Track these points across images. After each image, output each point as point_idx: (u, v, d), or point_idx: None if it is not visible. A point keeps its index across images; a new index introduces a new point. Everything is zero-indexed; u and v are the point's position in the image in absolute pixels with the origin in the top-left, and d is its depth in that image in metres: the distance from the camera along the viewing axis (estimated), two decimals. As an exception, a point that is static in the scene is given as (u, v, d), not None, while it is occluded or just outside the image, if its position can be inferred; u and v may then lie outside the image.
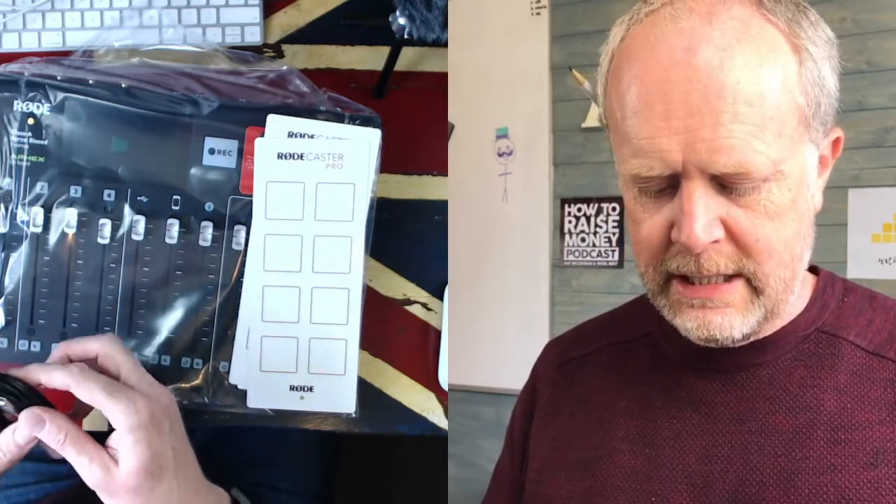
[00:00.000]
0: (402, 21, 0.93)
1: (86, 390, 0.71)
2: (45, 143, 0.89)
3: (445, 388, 0.99)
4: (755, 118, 0.57)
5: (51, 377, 0.72)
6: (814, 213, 0.65)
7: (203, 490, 0.78)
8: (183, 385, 0.90)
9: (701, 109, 0.57)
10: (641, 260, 0.66)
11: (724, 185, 0.59)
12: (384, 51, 1.02)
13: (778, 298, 0.63)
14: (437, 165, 1.03)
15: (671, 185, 0.61)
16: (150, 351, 0.90)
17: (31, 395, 0.72)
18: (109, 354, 0.75)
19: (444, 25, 0.93)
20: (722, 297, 0.62)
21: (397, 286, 1.00)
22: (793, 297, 0.65)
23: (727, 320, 0.62)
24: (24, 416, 0.70)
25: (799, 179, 0.61)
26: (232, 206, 0.91)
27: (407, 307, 1.00)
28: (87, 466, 0.70)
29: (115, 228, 0.90)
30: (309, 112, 0.92)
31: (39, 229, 0.89)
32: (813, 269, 0.71)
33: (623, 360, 0.76)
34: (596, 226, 2.18)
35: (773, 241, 0.60)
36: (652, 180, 0.61)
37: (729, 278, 0.62)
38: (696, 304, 0.62)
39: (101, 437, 0.73)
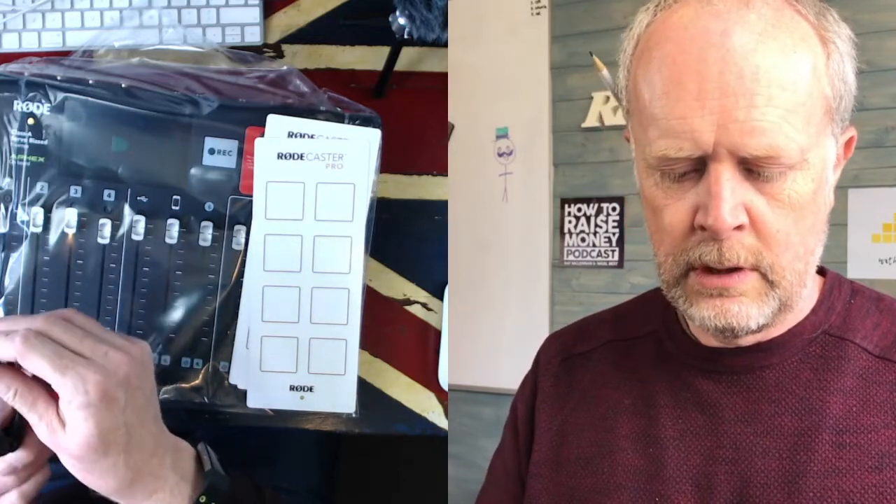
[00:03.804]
0: (402, 21, 0.93)
1: (31, 363, 0.67)
2: (45, 143, 0.89)
3: (445, 388, 0.99)
4: (788, 103, 0.58)
5: None
6: (830, 208, 0.65)
7: (161, 452, 0.74)
8: (183, 385, 0.90)
9: (735, 91, 0.57)
10: (662, 249, 0.65)
11: (752, 169, 0.59)
12: (384, 51, 1.02)
13: (792, 291, 0.63)
14: (437, 165, 1.03)
15: (695, 169, 0.61)
16: (150, 351, 0.90)
17: None
18: (46, 332, 0.69)
19: (444, 25, 0.93)
20: (737, 287, 0.62)
21: (397, 286, 1.00)
22: (805, 291, 0.65)
23: (744, 309, 0.62)
24: None
25: (821, 171, 0.61)
26: (232, 206, 0.91)
27: (407, 307, 1.00)
28: (36, 423, 0.68)
29: (115, 228, 0.90)
30: (309, 112, 0.92)
31: (39, 229, 0.89)
32: (820, 271, 0.71)
33: (626, 357, 0.76)
34: (596, 226, 2.18)
35: (791, 233, 0.61)
36: (678, 162, 0.60)
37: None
38: (714, 293, 0.62)
39: None
